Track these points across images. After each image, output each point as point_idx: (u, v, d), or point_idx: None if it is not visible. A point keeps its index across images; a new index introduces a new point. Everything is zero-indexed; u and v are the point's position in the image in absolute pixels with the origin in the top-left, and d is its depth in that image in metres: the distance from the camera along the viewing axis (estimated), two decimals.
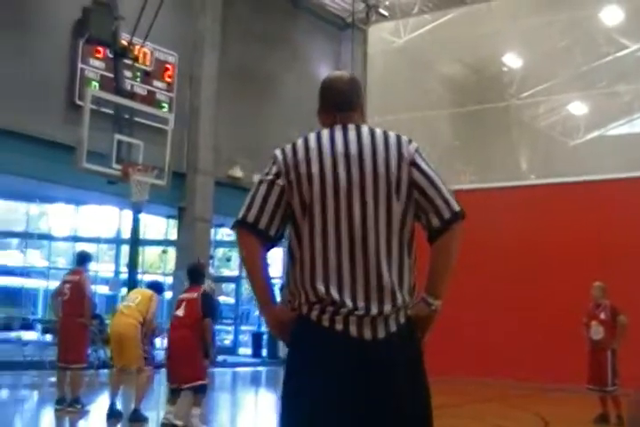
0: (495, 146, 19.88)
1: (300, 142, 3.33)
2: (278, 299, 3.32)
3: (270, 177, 3.28)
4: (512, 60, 21.03)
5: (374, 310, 3.09)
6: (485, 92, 20.43)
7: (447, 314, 3.73)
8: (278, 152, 3.34)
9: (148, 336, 10.58)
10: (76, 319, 10.94)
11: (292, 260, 3.26)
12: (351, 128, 3.37)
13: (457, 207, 3.24)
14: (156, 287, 11.02)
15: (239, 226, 3.27)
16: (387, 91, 22.02)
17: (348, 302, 3.09)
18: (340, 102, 3.47)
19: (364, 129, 3.37)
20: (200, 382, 9.37)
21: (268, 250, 3.28)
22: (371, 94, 23.06)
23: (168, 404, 9.58)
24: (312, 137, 3.35)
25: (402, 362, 3.12)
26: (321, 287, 3.11)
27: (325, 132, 3.36)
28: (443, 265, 3.25)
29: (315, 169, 3.24)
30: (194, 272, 10.09)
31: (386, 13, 24.85)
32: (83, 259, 11.68)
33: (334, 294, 3.09)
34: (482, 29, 20.60)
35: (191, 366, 9.32)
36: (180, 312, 9.47)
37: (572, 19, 19.60)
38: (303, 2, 24.83)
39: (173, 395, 9.50)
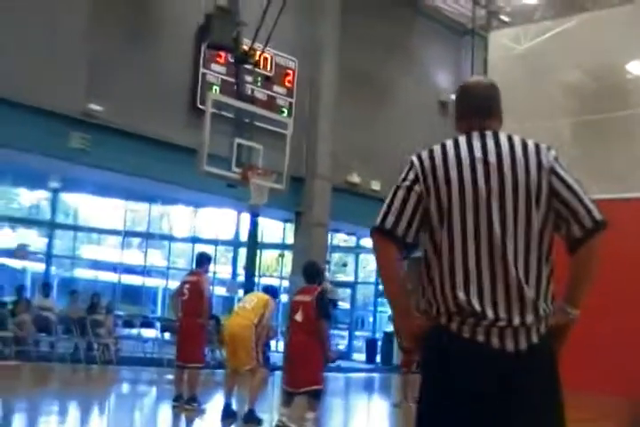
0: (618, 155, 19.40)
1: (437, 148, 3.28)
2: None
3: (407, 183, 3.23)
4: (637, 68, 20.53)
5: (516, 321, 3.05)
6: (608, 101, 19.96)
7: (588, 325, 3.61)
8: (415, 158, 3.28)
9: (263, 339, 10.71)
10: (195, 320, 11.14)
11: (428, 268, 3.21)
12: (489, 135, 3.30)
13: (599, 216, 3.16)
14: (272, 292, 11.09)
15: (376, 232, 3.22)
16: (506, 98, 21.72)
17: (490, 313, 3.04)
18: (478, 108, 3.41)
19: (502, 136, 3.31)
20: (316, 387, 9.43)
21: (404, 257, 3.25)
22: None
23: (282, 406, 9.67)
24: (449, 143, 3.29)
25: (542, 373, 3.10)
26: (462, 297, 3.07)
27: (463, 139, 3.30)
28: (583, 275, 3.19)
29: (453, 175, 3.18)
30: (309, 271, 10.01)
31: (507, 19, 24.61)
32: (202, 260, 11.86)
33: (475, 304, 3.05)
34: (604, 36, 20.14)
35: (309, 371, 9.38)
36: (299, 317, 9.49)
37: None
38: (423, 8, 24.81)
39: (288, 398, 9.58)
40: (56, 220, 26.75)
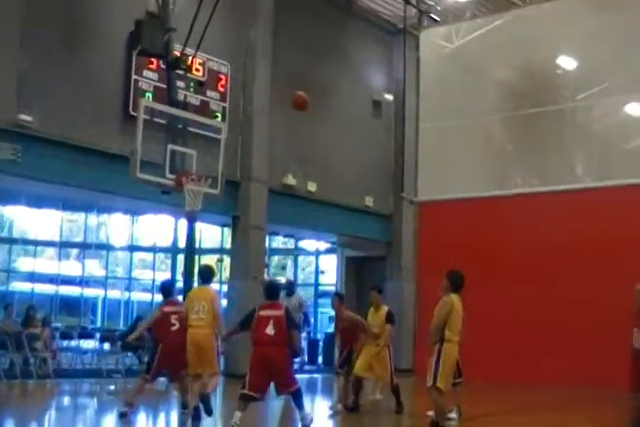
0: (549, 149, 19.69)
1: None
2: None
3: None
4: (567, 63, 20.79)
5: None
6: (539, 96, 20.22)
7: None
8: None
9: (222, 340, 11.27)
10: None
11: None
12: None
13: None
14: (206, 278, 11.47)
15: None
16: (439, 96, 21.93)
17: None
18: None
19: None
20: (297, 387, 10.41)
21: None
22: (423, 100, 23.01)
23: (238, 410, 9.90)
24: None
25: None
26: None
27: None
28: None
29: None
30: (273, 290, 10.56)
31: (437, 18, 24.77)
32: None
33: None
34: (535, 32, 20.41)
35: (288, 376, 10.41)
36: (271, 331, 10.07)
37: (628, 20, 19.34)
38: (355, 9, 24.82)
39: (245, 402, 9.96)
40: None
